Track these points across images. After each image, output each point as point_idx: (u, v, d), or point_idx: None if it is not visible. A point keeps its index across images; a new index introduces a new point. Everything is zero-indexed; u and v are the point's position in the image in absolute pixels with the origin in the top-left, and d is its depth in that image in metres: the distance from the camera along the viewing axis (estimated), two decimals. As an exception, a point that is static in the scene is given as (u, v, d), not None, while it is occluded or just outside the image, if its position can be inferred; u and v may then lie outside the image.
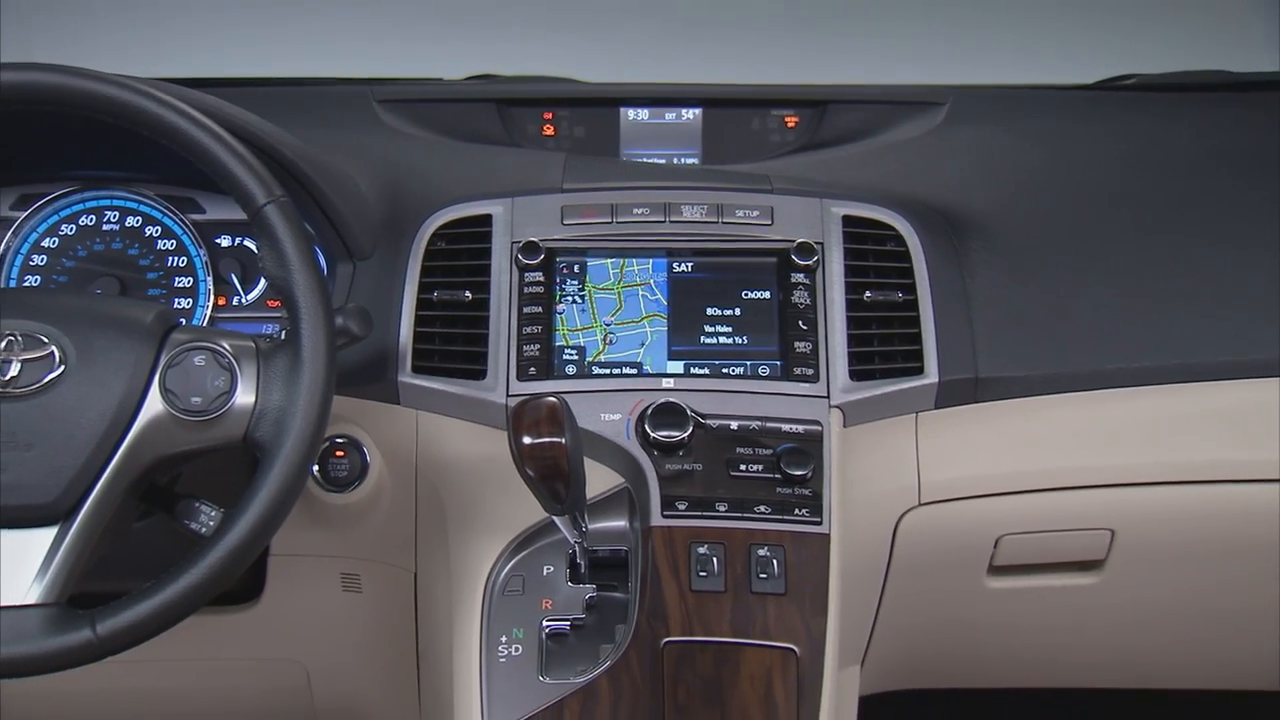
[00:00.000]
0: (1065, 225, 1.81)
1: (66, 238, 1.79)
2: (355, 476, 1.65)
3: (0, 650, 1.29)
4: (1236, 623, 1.87)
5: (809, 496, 1.58)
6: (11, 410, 1.34)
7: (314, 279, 1.40)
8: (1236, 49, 2.24)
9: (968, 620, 1.82)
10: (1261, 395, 1.72)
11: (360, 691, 1.97)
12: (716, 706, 1.45)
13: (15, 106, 1.39)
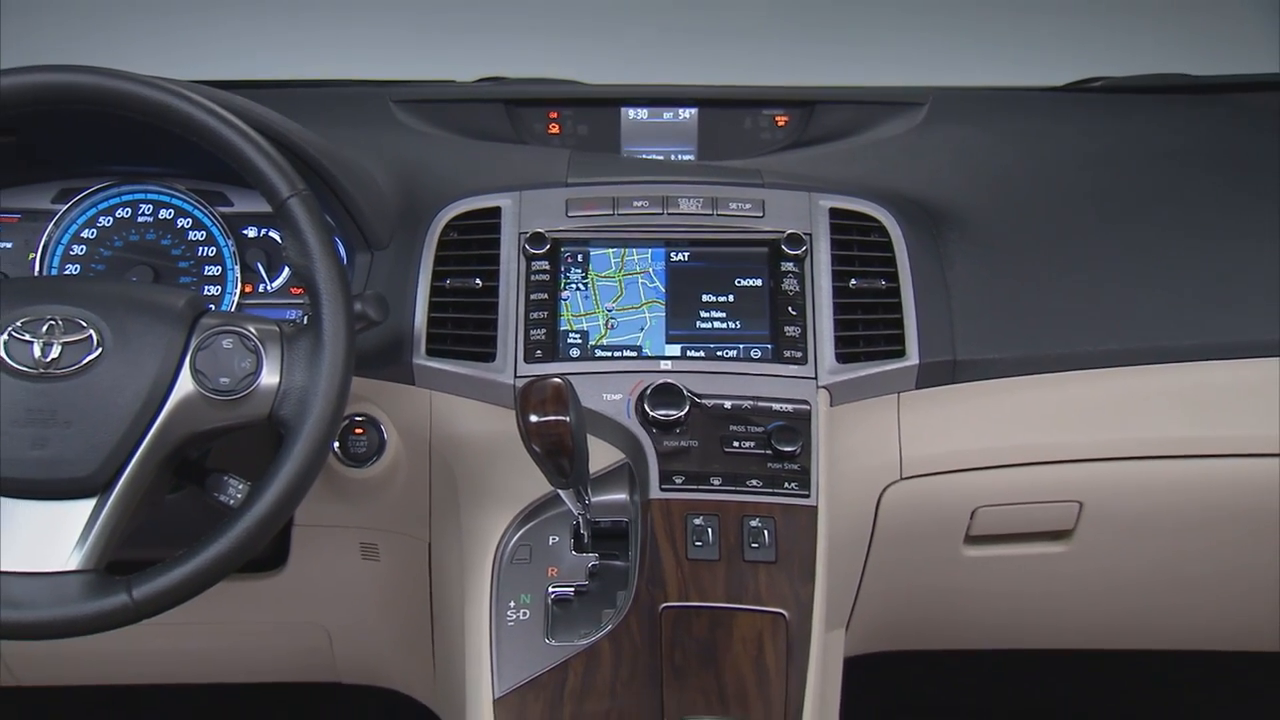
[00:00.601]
0: (1037, 218, 1.81)
1: (104, 229, 1.79)
2: (373, 452, 1.65)
3: (43, 613, 1.30)
4: (1198, 588, 1.87)
5: (798, 471, 1.58)
6: (53, 390, 1.35)
7: (334, 268, 1.41)
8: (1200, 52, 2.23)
9: (946, 587, 1.82)
10: (1219, 376, 1.72)
11: (378, 652, 1.97)
12: (711, 667, 1.46)
13: (57, 106, 1.39)
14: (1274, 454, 1.71)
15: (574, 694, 1.45)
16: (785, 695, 1.45)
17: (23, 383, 1.35)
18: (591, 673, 1.46)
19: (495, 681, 1.48)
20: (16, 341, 1.36)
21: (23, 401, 1.35)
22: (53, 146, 1.74)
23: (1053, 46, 2.34)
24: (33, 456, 1.34)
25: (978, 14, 2.35)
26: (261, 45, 2.30)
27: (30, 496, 1.36)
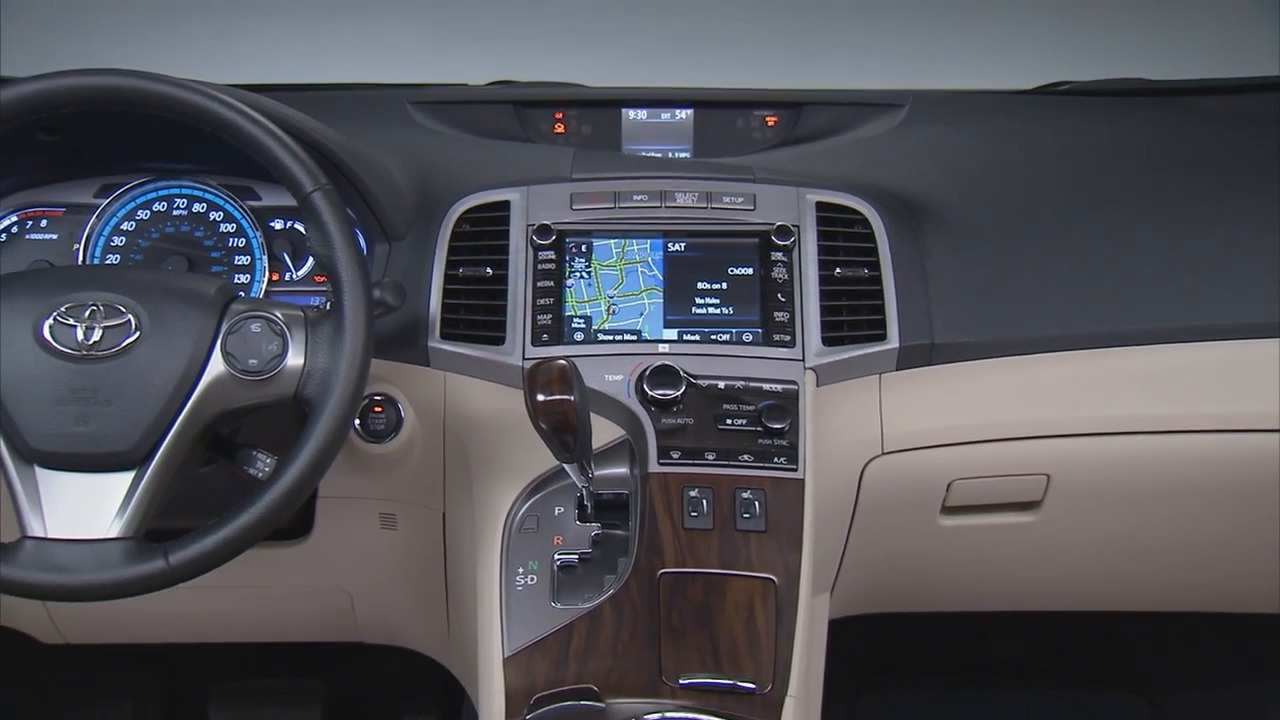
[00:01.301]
0: (1009, 211, 1.81)
1: (141, 222, 1.78)
2: (391, 429, 1.64)
3: (86, 577, 1.31)
4: (1157, 555, 1.87)
5: (786, 447, 1.58)
6: (94, 370, 1.35)
7: (355, 257, 1.41)
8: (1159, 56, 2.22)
9: (923, 554, 1.82)
10: (1178, 358, 1.71)
11: (397, 614, 1.97)
12: (706, 628, 1.46)
13: (100, 107, 1.39)
14: (1226, 430, 1.71)
15: (578, 653, 1.45)
16: (774, 654, 1.45)
17: (66, 364, 1.35)
18: (594, 634, 1.46)
19: (505, 642, 1.48)
20: (61, 325, 1.36)
21: (66, 381, 1.35)
22: (94, 145, 1.73)
23: (1022, 53, 2.34)
24: (76, 432, 1.35)
25: (954, 22, 2.35)
26: (289, 52, 2.30)
27: (74, 469, 1.36)
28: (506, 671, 1.46)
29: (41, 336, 1.36)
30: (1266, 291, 1.73)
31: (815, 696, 1.65)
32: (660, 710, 1.39)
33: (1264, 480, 1.75)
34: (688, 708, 1.39)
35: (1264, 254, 1.76)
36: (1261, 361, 1.71)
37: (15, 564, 1.33)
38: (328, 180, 1.43)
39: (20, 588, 1.33)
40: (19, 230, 1.77)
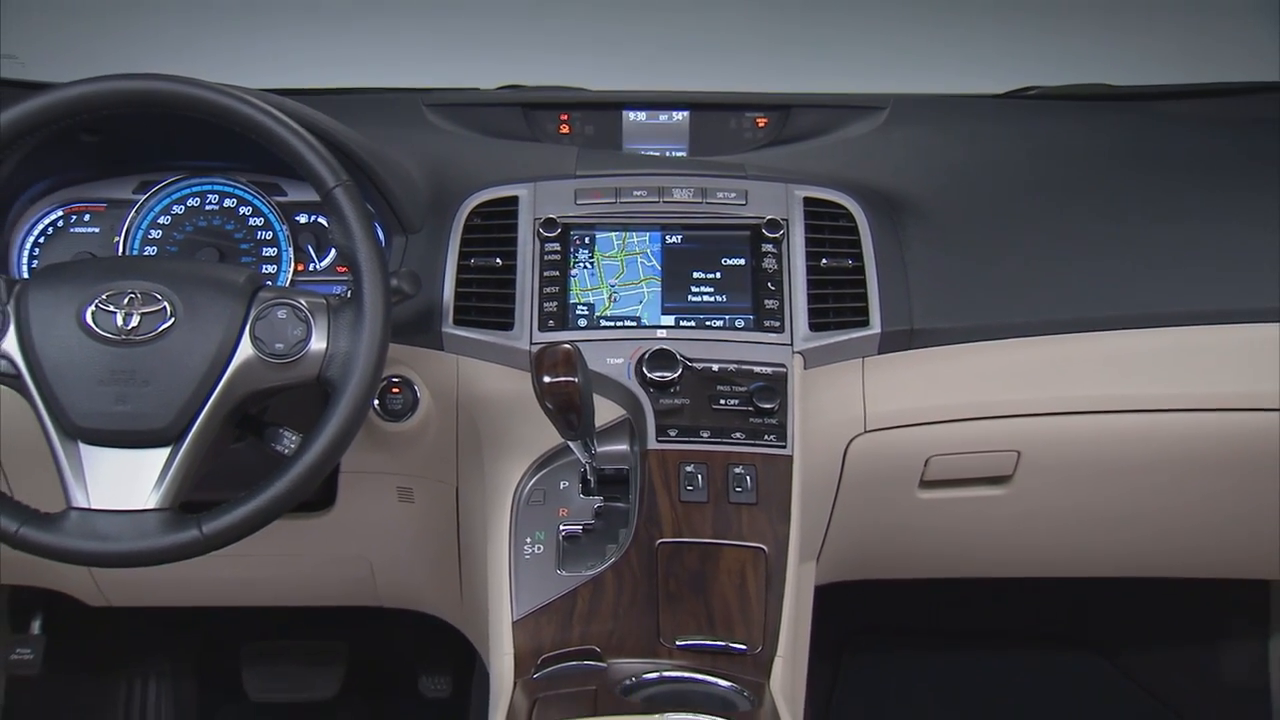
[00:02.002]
0: (983, 206, 1.80)
1: (177, 216, 1.78)
2: (408, 409, 1.63)
3: (126, 545, 1.32)
4: (1120, 524, 1.86)
5: (775, 425, 1.57)
6: (132, 354, 1.35)
7: (374, 248, 1.41)
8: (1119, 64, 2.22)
9: (902, 525, 1.82)
10: (1140, 342, 1.70)
11: (414, 581, 1.97)
12: (700, 594, 1.45)
13: (139, 109, 1.39)
14: (1180, 409, 1.70)
15: (581, 617, 1.45)
16: (764, 618, 1.45)
17: (107, 347, 1.35)
18: (597, 599, 1.46)
19: (514, 606, 1.48)
20: (102, 312, 1.36)
21: (107, 363, 1.35)
22: (133, 145, 1.73)
23: (995, 60, 2.33)
24: (116, 411, 1.35)
25: (932, 32, 2.34)
26: (313, 59, 2.29)
27: (114, 445, 1.36)
28: (515, 633, 1.46)
29: (84, 322, 1.36)
30: (1216, 282, 1.73)
31: (802, 657, 1.65)
32: (658, 670, 1.38)
33: (1214, 456, 1.75)
34: (684, 667, 1.39)
35: (1215, 247, 1.75)
36: (1211, 347, 1.71)
37: (61, 533, 1.33)
38: (349, 177, 1.42)
39: (66, 554, 1.34)
40: (64, 224, 1.77)
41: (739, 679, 1.37)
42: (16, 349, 1.37)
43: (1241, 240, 1.76)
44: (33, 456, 1.44)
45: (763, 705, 1.33)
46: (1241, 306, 1.71)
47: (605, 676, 1.37)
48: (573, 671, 1.39)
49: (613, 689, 1.33)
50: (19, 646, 2.16)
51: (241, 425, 1.48)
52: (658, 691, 1.34)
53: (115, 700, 2.36)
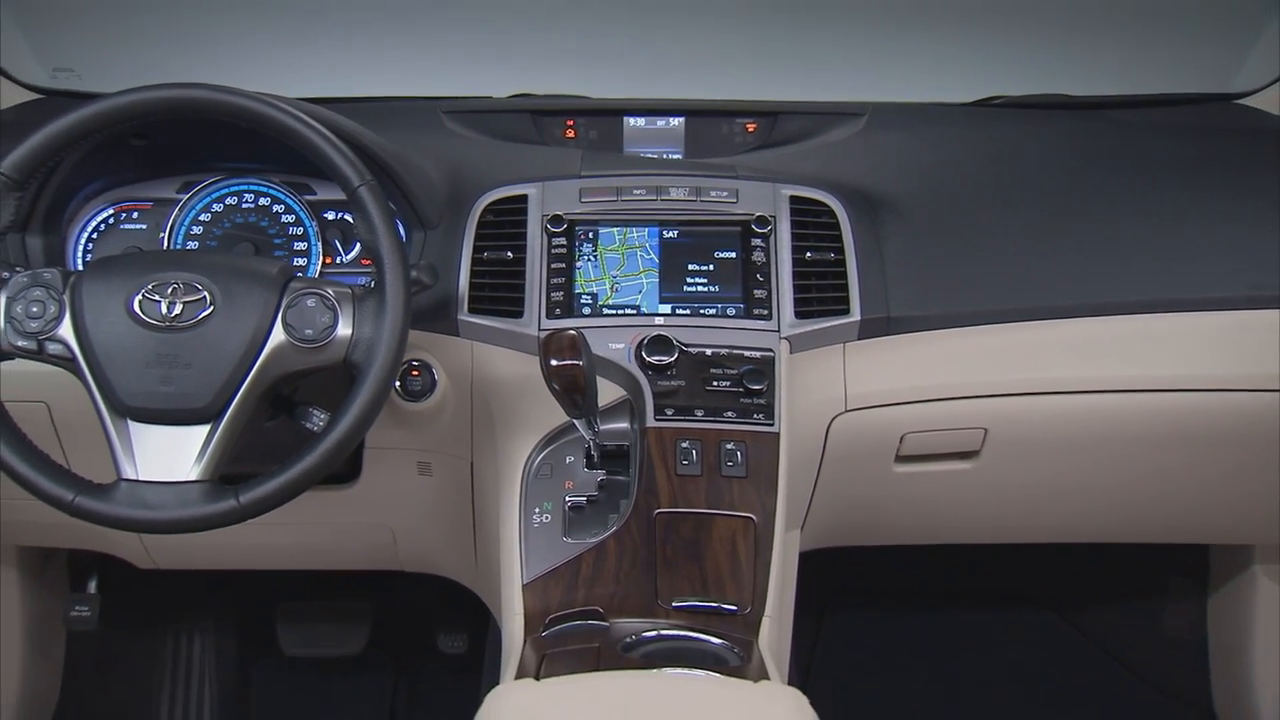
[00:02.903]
0: (953, 204, 1.78)
1: (216, 213, 1.77)
2: (427, 390, 1.63)
3: (171, 514, 1.32)
4: (1076, 496, 1.85)
5: (764, 405, 1.56)
6: (175, 339, 1.35)
7: (395, 243, 1.40)
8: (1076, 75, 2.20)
9: (879, 496, 1.80)
10: (1097, 329, 1.69)
11: (433, 547, 1.96)
12: (695, 560, 1.45)
13: (182, 116, 1.39)
14: (1134, 390, 1.69)
15: (586, 580, 1.44)
16: (753, 581, 1.44)
17: (152, 333, 1.35)
18: (600, 564, 1.45)
19: (524, 570, 1.47)
20: (148, 301, 1.36)
21: (152, 348, 1.35)
22: (177, 148, 1.72)
23: (963, 72, 2.31)
24: (161, 391, 1.34)
25: (906, 47, 2.33)
26: (343, 71, 2.27)
27: (159, 422, 1.36)
28: (525, 595, 1.45)
29: (132, 310, 1.36)
30: (1165, 273, 1.71)
31: (787, 616, 1.64)
32: (656, 629, 1.37)
33: (1162, 434, 1.73)
34: (679, 626, 1.38)
35: (1164, 241, 1.74)
36: (1161, 333, 1.69)
37: (112, 502, 1.33)
38: (372, 177, 1.41)
39: (117, 521, 1.34)
40: (114, 221, 1.76)
41: (730, 637, 1.36)
42: (72, 335, 1.37)
43: (1187, 235, 1.74)
44: (87, 432, 1.44)
45: (751, 661, 1.32)
46: (1188, 296, 1.70)
47: (607, 635, 1.36)
48: (578, 630, 1.38)
49: (614, 646, 1.33)
50: (77, 605, 2.17)
51: (274, 404, 1.48)
52: (656, 649, 1.34)
53: (163, 653, 2.37)
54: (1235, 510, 1.90)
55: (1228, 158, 1.87)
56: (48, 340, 1.37)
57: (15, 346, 1.37)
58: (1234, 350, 1.69)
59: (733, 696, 1.19)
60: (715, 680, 1.22)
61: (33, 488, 1.35)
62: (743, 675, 1.25)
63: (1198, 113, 2.06)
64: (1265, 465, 1.78)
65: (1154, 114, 2.04)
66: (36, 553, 2.19)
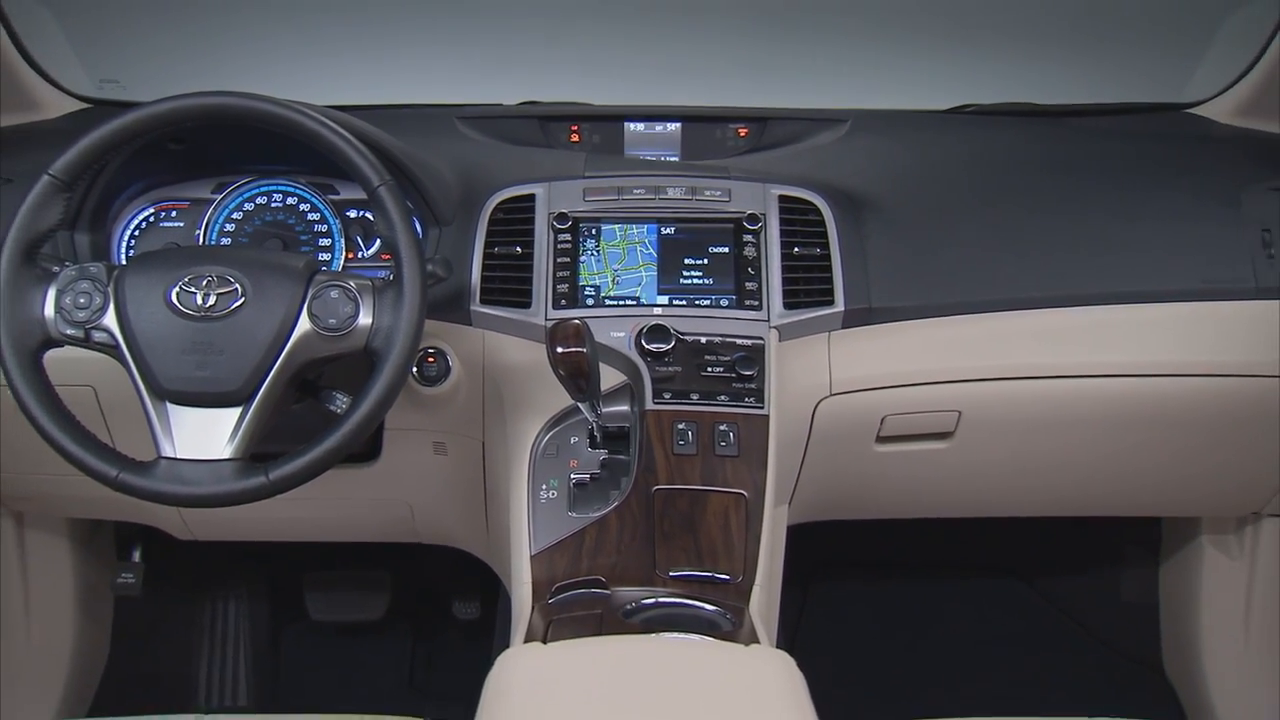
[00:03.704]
0: (930, 204, 1.76)
1: (247, 212, 1.76)
2: (442, 375, 1.62)
3: (206, 489, 1.32)
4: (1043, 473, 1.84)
5: (754, 389, 1.55)
6: (209, 328, 1.34)
7: (413, 239, 1.39)
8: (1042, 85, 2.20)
9: (861, 474, 1.79)
10: (1062, 319, 1.68)
11: (447, 521, 1.94)
12: (690, 532, 1.44)
13: (217, 121, 1.38)
14: (1094, 375, 1.68)
15: (589, 551, 1.44)
16: (744, 552, 1.43)
17: (189, 322, 1.34)
18: (602, 536, 1.44)
19: (532, 542, 1.46)
20: (185, 292, 1.35)
21: (189, 336, 1.34)
22: (211, 152, 1.71)
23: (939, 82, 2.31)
24: (196, 376, 1.34)
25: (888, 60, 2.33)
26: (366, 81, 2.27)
27: (195, 405, 1.35)
28: (533, 566, 1.44)
29: (170, 301, 1.35)
30: (1124, 268, 1.70)
31: (776, 585, 1.62)
32: (654, 596, 1.37)
33: (1123, 416, 1.72)
34: (676, 594, 1.37)
35: (1123, 239, 1.72)
36: (1123, 322, 1.68)
37: (153, 478, 1.32)
38: (391, 178, 1.40)
39: (157, 496, 1.33)
40: (154, 219, 1.75)
41: (723, 604, 1.35)
42: (115, 324, 1.36)
43: (1145, 233, 1.73)
44: (130, 414, 1.44)
45: (742, 626, 1.31)
46: (1146, 288, 1.69)
47: (609, 602, 1.35)
48: (582, 598, 1.38)
49: (616, 613, 1.32)
50: (123, 573, 2.17)
51: (301, 388, 1.47)
52: (654, 615, 1.33)
53: (201, 618, 2.37)
54: (1186, 486, 1.89)
55: (1180, 162, 1.85)
56: (94, 329, 1.36)
57: (64, 335, 1.37)
58: (1187, 339, 1.68)
59: (725, 659, 1.18)
60: (709, 644, 1.22)
61: (81, 464, 1.34)
62: (734, 640, 1.24)
63: (1153, 121, 2.04)
64: (1214, 445, 1.77)
65: (1113, 122, 2.02)
66: (85, 524, 2.19)
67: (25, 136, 1.86)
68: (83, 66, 2.05)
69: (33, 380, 1.35)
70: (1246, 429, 1.74)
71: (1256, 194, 1.73)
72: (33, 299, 1.36)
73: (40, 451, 1.37)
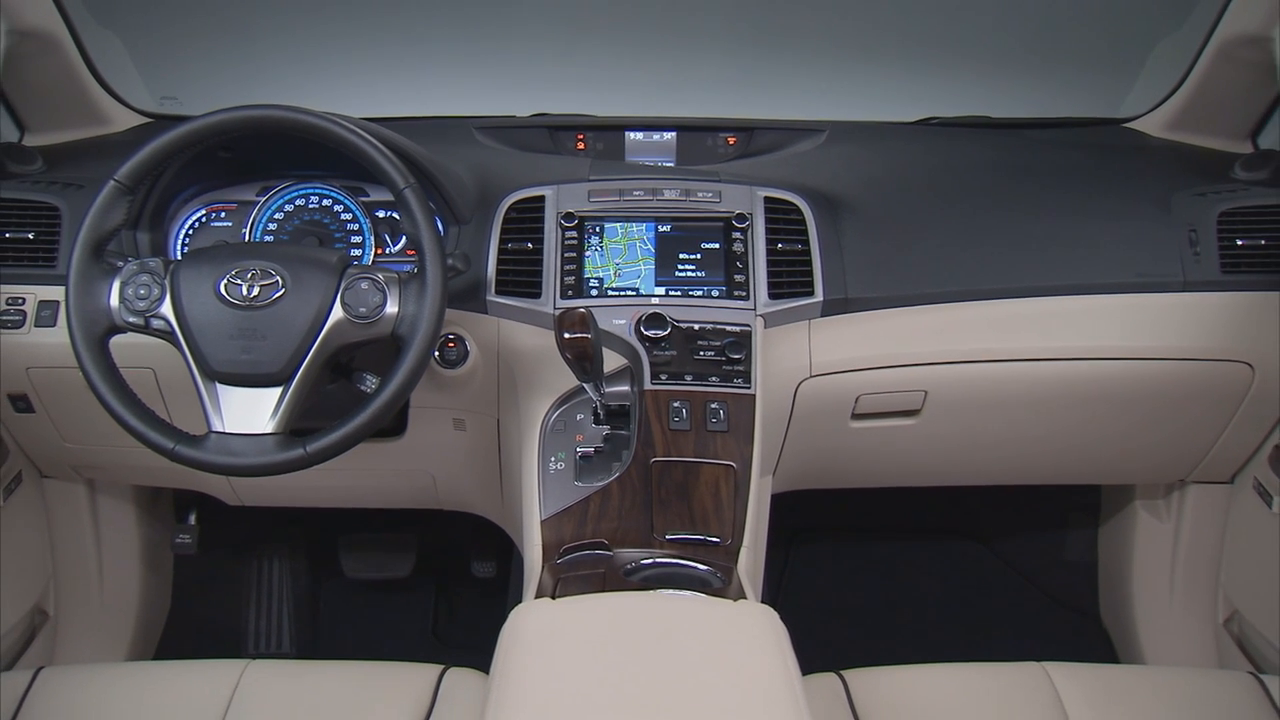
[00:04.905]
0: (899, 205, 1.74)
1: (288, 212, 1.74)
2: (461, 359, 1.60)
3: (251, 460, 1.31)
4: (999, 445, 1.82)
5: (742, 371, 1.53)
6: (254, 316, 1.33)
7: (435, 236, 1.37)
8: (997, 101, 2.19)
9: (838, 447, 1.77)
10: (1016, 309, 1.66)
11: (466, 489, 1.92)
12: (685, 500, 1.42)
13: (259, 131, 1.37)
14: (1045, 359, 1.66)
15: (593, 517, 1.42)
16: (733, 518, 1.41)
17: (235, 311, 1.33)
18: (605, 503, 1.42)
19: (541, 509, 1.44)
20: (232, 284, 1.34)
21: (235, 323, 1.33)
22: (256, 159, 1.70)
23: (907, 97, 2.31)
24: (242, 359, 1.33)
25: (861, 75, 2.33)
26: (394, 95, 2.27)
27: (241, 385, 1.34)
28: (543, 530, 1.42)
29: (219, 292, 1.34)
30: (1070, 263, 1.68)
31: (761, 547, 1.61)
32: (652, 557, 1.35)
33: (1070, 394, 1.70)
34: (672, 555, 1.36)
35: (1069, 237, 1.70)
36: (1070, 311, 1.66)
37: (205, 450, 1.32)
38: (415, 181, 1.38)
39: (208, 466, 1.33)
40: (206, 219, 1.73)
41: (713, 564, 1.34)
42: (171, 312, 1.35)
43: (1088, 232, 1.71)
44: (185, 393, 1.45)
45: (731, 583, 1.30)
46: (1090, 281, 1.67)
47: (612, 562, 1.33)
48: (586, 558, 1.36)
49: (617, 572, 1.30)
50: (181, 534, 2.17)
51: (334, 370, 1.46)
52: (652, 573, 1.32)
53: (249, 575, 2.36)
54: (1122, 457, 1.88)
55: (1118, 169, 1.83)
56: (153, 317, 1.36)
57: (127, 322, 1.36)
58: (1124, 327, 1.66)
59: (716, 613, 1.17)
60: (701, 599, 1.20)
61: (142, 438, 1.34)
62: (724, 595, 1.23)
63: (1094, 133, 2.02)
64: (1147, 421, 1.76)
65: (1060, 133, 2.00)
66: (148, 491, 2.18)
67: (96, 147, 1.86)
68: (146, 85, 2.06)
69: (100, 363, 1.35)
70: (1176, 407, 1.73)
71: (1184, 199, 1.72)
72: (99, 290, 1.36)
73: (107, 426, 1.37)
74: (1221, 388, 1.70)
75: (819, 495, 1.96)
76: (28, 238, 1.65)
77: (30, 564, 1.94)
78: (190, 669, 1.42)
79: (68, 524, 2.03)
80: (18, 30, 1.65)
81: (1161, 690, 1.40)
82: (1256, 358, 1.67)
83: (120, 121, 1.95)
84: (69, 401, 1.70)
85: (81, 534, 2.06)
